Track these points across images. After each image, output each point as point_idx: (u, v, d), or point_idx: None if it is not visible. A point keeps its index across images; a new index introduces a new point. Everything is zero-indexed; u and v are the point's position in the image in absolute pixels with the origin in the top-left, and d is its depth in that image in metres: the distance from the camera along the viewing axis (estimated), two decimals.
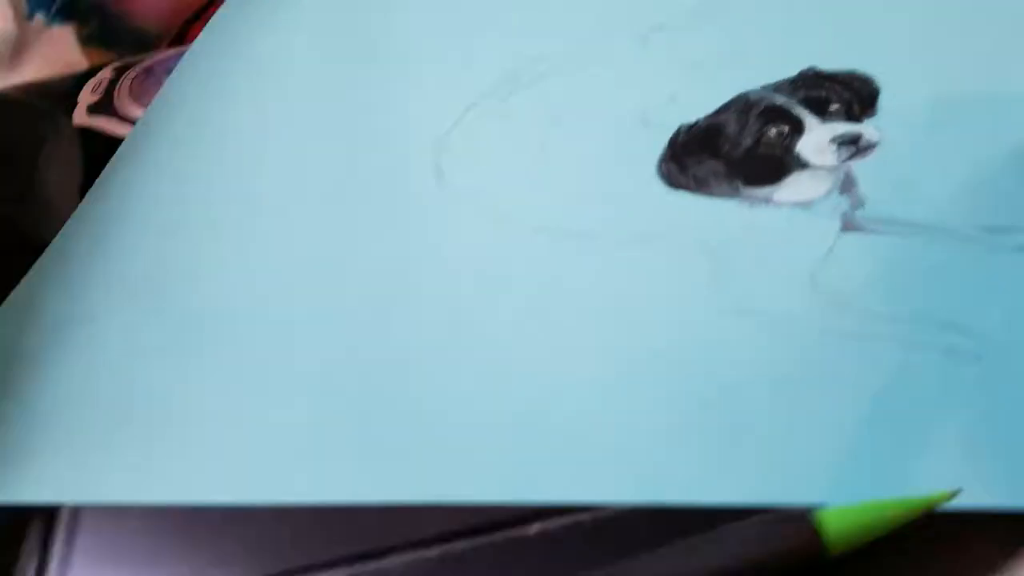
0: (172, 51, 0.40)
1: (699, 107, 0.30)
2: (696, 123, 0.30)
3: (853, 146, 0.28)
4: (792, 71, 0.30)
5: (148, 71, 0.39)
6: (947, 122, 0.27)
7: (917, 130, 0.27)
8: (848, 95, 0.29)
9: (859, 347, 0.23)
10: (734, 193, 0.28)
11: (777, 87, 0.30)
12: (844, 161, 0.27)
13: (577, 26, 0.34)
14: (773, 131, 0.29)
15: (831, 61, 0.30)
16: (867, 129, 0.28)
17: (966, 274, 0.24)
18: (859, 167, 0.27)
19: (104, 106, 0.37)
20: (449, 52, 0.35)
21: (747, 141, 0.29)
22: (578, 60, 0.33)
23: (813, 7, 0.32)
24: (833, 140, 0.28)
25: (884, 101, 0.29)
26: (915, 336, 0.23)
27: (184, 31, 0.43)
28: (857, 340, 0.23)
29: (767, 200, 0.27)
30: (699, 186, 0.28)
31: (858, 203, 0.26)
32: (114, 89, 0.38)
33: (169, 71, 0.37)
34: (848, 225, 0.26)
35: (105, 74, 0.39)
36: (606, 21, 0.34)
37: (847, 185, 0.27)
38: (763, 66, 0.31)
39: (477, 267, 0.28)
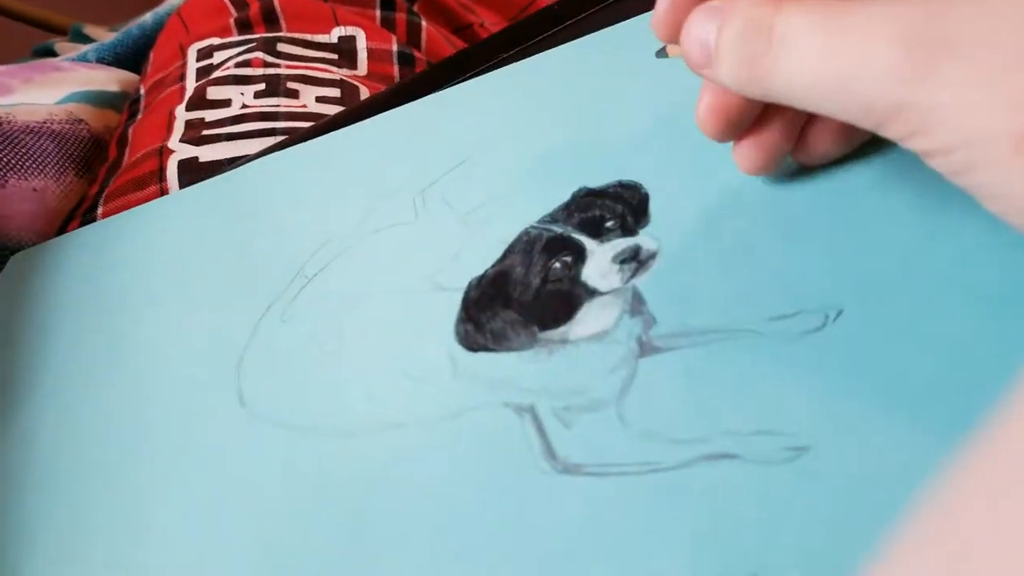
0: None
1: (484, 257, 0.30)
2: (485, 274, 0.29)
3: (634, 262, 0.27)
4: (565, 195, 0.30)
5: None
6: (716, 220, 0.27)
7: (688, 233, 0.27)
8: (620, 207, 0.29)
9: (677, 479, 0.22)
10: (532, 341, 0.27)
11: (553, 216, 0.30)
12: (629, 281, 0.27)
13: (352, 205, 0.34)
14: (558, 264, 0.28)
15: (598, 177, 0.30)
16: (643, 240, 0.27)
17: (764, 372, 0.23)
18: (644, 284, 0.26)
19: None
20: (226, 279, 0.34)
21: (535, 281, 0.28)
22: (358, 238, 0.33)
23: (568, 130, 0.32)
24: (614, 259, 0.27)
25: (655, 206, 0.28)
26: (724, 452, 0.22)
27: (60, 233, 0.42)
28: (674, 471, 0.22)
29: (563, 341, 0.26)
30: (497, 342, 0.28)
31: (651, 322, 0.26)
32: None
33: None
34: (646, 348, 0.25)
35: None
36: (380, 191, 0.34)
37: (636, 306, 0.26)
38: (536, 198, 0.30)
39: (291, 490, 0.27)
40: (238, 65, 0.43)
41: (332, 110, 0.39)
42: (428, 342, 0.28)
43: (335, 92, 0.41)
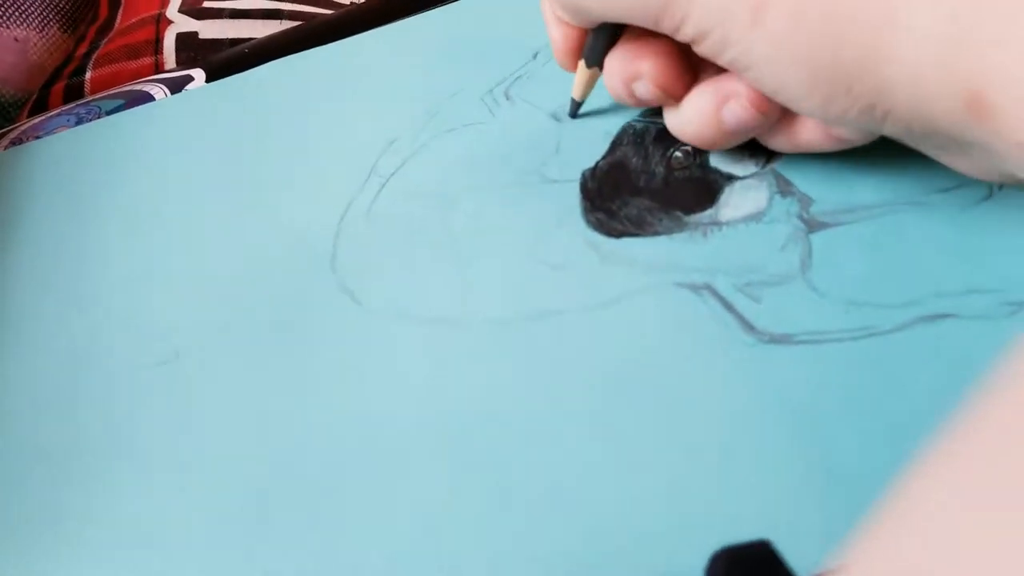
0: (37, 119, 0.34)
1: (587, 150, 0.28)
2: (597, 165, 0.28)
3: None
4: None
5: (15, 144, 0.33)
6: None
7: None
8: None
9: (898, 341, 0.22)
10: (679, 224, 0.26)
11: (655, 110, 0.29)
12: (766, 166, 0.27)
13: (412, 105, 0.30)
14: (679, 153, 0.27)
15: None
16: None
17: (948, 239, 0.24)
18: (786, 168, 0.26)
19: None
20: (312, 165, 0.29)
21: (659, 169, 0.27)
22: (429, 137, 0.29)
23: None
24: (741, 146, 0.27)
25: None
26: (941, 312, 0.23)
27: (44, 95, 0.37)
28: (893, 334, 0.22)
29: (715, 223, 0.26)
30: (639, 227, 0.26)
31: (808, 201, 0.26)
32: None
33: (38, 138, 0.33)
34: (813, 224, 0.25)
35: None
36: (440, 91, 0.30)
37: (784, 187, 0.26)
38: None
39: (431, 379, 0.23)
40: None
41: None
42: (559, 231, 0.26)
43: None
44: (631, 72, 0.25)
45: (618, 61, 0.25)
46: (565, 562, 0.21)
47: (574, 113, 0.29)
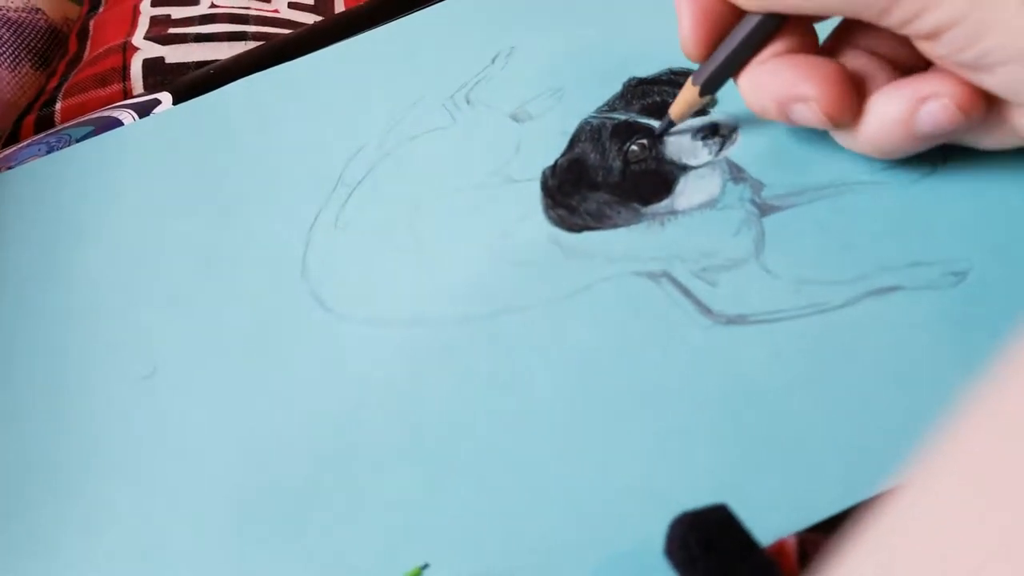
0: (8, 151, 0.35)
1: (547, 148, 0.29)
2: (556, 163, 0.29)
3: (717, 136, 0.28)
4: (612, 87, 0.30)
5: None
6: None
7: None
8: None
9: (848, 315, 0.23)
10: (637, 216, 0.27)
11: (611, 106, 0.30)
12: (719, 154, 0.27)
13: (376, 115, 0.31)
14: (635, 147, 0.28)
15: (644, 67, 0.30)
16: (718, 117, 0.28)
17: (894, 215, 0.25)
18: (737, 155, 0.27)
19: None
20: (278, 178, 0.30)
21: (616, 164, 0.28)
22: (394, 145, 0.30)
23: (601, 26, 0.32)
24: (694, 136, 0.28)
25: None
26: (888, 286, 0.23)
27: (16, 128, 0.38)
28: (843, 309, 0.23)
29: (672, 212, 0.27)
30: (598, 221, 0.27)
31: (759, 186, 0.27)
32: None
33: (9, 168, 0.33)
34: (765, 208, 0.26)
35: None
36: (401, 100, 0.31)
37: (736, 173, 0.27)
38: (585, 92, 0.30)
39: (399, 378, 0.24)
40: None
41: (305, 17, 0.36)
42: (523, 230, 0.27)
43: None
44: (793, 95, 0.23)
45: (775, 80, 0.24)
46: (541, 538, 0.21)
47: (663, 133, 0.28)
